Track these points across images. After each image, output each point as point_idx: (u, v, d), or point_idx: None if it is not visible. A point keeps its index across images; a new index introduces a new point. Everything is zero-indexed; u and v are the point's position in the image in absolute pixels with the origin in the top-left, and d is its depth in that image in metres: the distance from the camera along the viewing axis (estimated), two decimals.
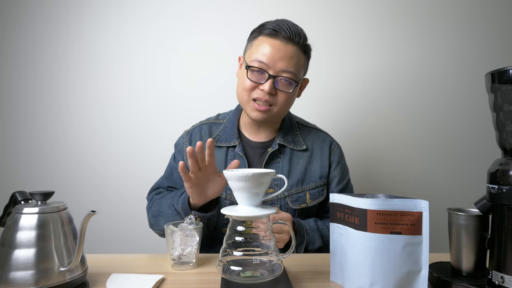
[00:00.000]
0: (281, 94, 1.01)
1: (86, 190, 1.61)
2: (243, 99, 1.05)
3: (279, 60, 0.98)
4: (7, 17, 1.58)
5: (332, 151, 1.14)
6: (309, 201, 1.08)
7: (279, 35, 0.99)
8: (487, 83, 0.67)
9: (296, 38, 0.99)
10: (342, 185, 1.13)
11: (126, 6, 1.59)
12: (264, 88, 0.99)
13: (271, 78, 0.99)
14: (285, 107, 1.05)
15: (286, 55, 0.98)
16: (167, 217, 0.99)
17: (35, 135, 1.61)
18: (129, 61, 1.61)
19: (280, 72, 0.99)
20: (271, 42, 0.99)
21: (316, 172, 1.10)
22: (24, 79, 1.60)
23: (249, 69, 1.01)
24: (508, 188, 0.62)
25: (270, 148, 1.09)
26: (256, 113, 1.03)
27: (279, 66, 0.98)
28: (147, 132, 1.61)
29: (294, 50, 1.00)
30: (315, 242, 1.01)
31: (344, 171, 1.16)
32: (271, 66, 0.98)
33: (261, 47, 1.00)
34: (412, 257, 0.65)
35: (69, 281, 0.67)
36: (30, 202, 0.74)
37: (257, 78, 1.01)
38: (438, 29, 1.62)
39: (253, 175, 0.69)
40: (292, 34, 0.99)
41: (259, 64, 0.99)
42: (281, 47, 0.98)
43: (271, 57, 0.98)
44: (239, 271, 0.69)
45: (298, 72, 1.02)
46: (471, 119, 1.64)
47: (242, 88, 1.03)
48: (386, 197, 0.73)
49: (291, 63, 0.99)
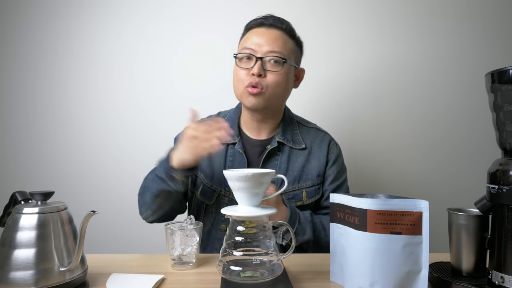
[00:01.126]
0: (270, 75, 1.03)
1: (86, 190, 1.61)
2: (238, 90, 1.07)
3: (265, 43, 1.03)
4: (7, 18, 1.58)
5: (330, 150, 1.15)
6: (305, 199, 1.09)
7: (263, 24, 1.06)
8: (487, 83, 0.67)
9: (279, 24, 1.05)
10: (337, 183, 1.13)
11: (126, 7, 1.59)
12: (253, 71, 1.02)
13: (259, 60, 1.02)
14: (278, 90, 1.05)
15: (271, 37, 1.04)
16: (152, 189, 0.98)
17: (35, 135, 1.61)
18: (129, 62, 1.61)
19: (267, 53, 1.03)
20: (256, 30, 1.06)
21: (314, 171, 1.11)
22: (24, 80, 1.60)
23: (238, 56, 1.06)
24: (508, 188, 0.62)
25: (269, 145, 1.09)
26: (250, 97, 1.04)
27: (265, 49, 1.03)
28: (147, 132, 1.61)
29: (279, 33, 1.05)
30: (305, 232, 1.01)
31: (340, 170, 1.15)
32: (258, 50, 1.03)
33: (248, 38, 1.06)
34: (412, 257, 0.65)
35: (69, 281, 0.67)
36: (30, 202, 0.74)
37: (246, 64, 1.04)
38: (438, 29, 1.62)
39: (253, 175, 0.69)
40: (275, 21, 1.06)
41: (247, 50, 1.04)
42: (265, 32, 1.05)
43: (257, 43, 1.03)
44: (239, 271, 0.69)
45: (286, 53, 1.05)
46: (471, 119, 1.64)
47: (237, 80, 1.07)
48: (386, 197, 0.73)
49: (277, 44, 1.03)
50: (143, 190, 1.04)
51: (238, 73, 1.06)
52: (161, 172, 0.95)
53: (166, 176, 0.93)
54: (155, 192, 0.97)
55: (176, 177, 0.92)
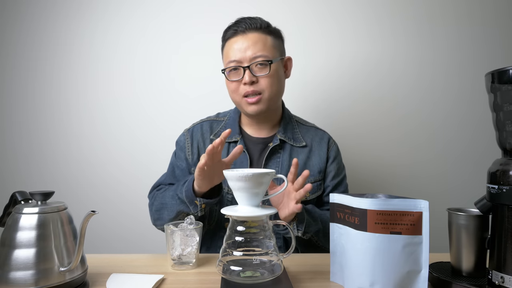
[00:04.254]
0: (262, 79, 1.04)
1: (86, 190, 1.61)
2: (236, 101, 1.09)
3: (246, 50, 1.03)
4: (7, 17, 1.58)
5: (330, 147, 1.17)
6: (308, 195, 1.10)
7: (238, 32, 1.05)
8: (487, 83, 0.67)
9: (253, 25, 1.04)
10: (338, 180, 1.15)
11: (126, 7, 1.59)
12: (245, 81, 1.03)
13: (247, 69, 1.03)
14: (273, 89, 1.06)
15: (250, 43, 1.03)
16: (171, 208, 0.99)
17: (35, 135, 1.61)
18: (129, 61, 1.61)
19: (251, 60, 1.03)
20: (234, 40, 1.05)
21: (315, 167, 1.13)
22: (24, 79, 1.60)
23: (226, 71, 1.06)
24: (508, 188, 0.62)
25: (272, 143, 1.11)
26: (251, 107, 1.05)
27: (249, 55, 1.03)
28: (148, 132, 1.61)
29: (256, 35, 1.04)
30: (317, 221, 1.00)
31: (340, 167, 1.18)
32: (242, 59, 1.03)
33: (229, 50, 1.06)
34: (412, 257, 0.65)
35: (69, 281, 0.67)
36: (30, 202, 0.74)
37: (236, 76, 1.05)
38: (438, 29, 1.62)
39: (253, 175, 0.69)
40: (247, 25, 1.04)
41: (232, 63, 1.04)
42: (243, 39, 1.04)
43: (238, 52, 1.03)
44: (239, 271, 0.69)
45: (269, 53, 1.05)
46: (471, 119, 1.64)
47: (231, 92, 1.08)
48: (386, 197, 0.73)
49: (258, 47, 1.03)
50: (160, 206, 1.03)
51: (231, 86, 1.07)
52: (183, 194, 0.96)
53: (188, 200, 0.95)
54: (174, 212, 0.98)
55: (198, 203, 0.94)
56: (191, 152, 1.14)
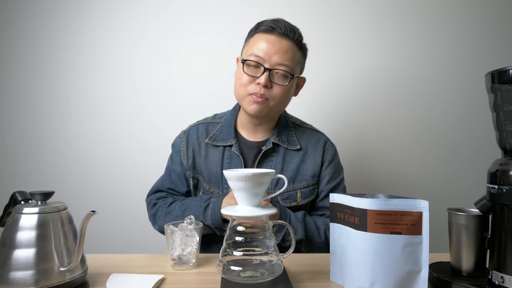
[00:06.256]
0: (276, 88, 1.02)
1: (86, 190, 1.61)
2: (240, 95, 1.06)
3: (275, 54, 1.00)
4: (7, 17, 1.58)
5: (326, 150, 1.14)
6: (300, 199, 1.09)
7: (275, 31, 1.02)
8: (487, 83, 0.67)
9: (291, 34, 1.02)
10: (333, 184, 1.13)
11: (126, 6, 1.59)
12: (260, 81, 1.00)
13: (267, 71, 1.00)
14: (281, 102, 1.05)
15: (282, 49, 1.01)
16: None
17: (35, 135, 1.61)
18: (129, 61, 1.61)
19: (276, 65, 1.01)
20: (267, 37, 1.02)
21: (309, 171, 1.11)
22: (24, 79, 1.60)
23: (245, 63, 1.02)
24: (508, 188, 0.62)
25: (264, 146, 1.09)
26: (253, 105, 1.03)
27: (275, 60, 1.00)
28: (147, 132, 1.61)
29: (290, 45, 1.02)
30: (296, 232, 1.01)
31: (337, 171, 1.15)
32: (266, 59, 1.00)
33: (257, 43, 1.02)
34: (412, 257, 0.65)
35: (69, 281, 0.67)
36: (30, 202, 0.74)
37: (253, 72, 1.02)
38: (438, 29, 1.62)
39: (253, 175, 0.69)
40: (287, 30, 1.02)
41: (255, 58, 1.01)
42: (277, 42, 1.01)
43: (266, 51, 1.00)
44: (239, 271, 0.69)
45: (294, 67, 1.04)
46: (471, 119, 1.64)
47: (240, 84, 1.05)
48: (386, 197, 0.73)
49: (286, 56, 1.01)
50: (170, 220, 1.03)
51: (243, 78, 1.03)
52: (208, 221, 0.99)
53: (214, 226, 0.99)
54: None
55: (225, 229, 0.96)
56: (186, 156, 1.12)
